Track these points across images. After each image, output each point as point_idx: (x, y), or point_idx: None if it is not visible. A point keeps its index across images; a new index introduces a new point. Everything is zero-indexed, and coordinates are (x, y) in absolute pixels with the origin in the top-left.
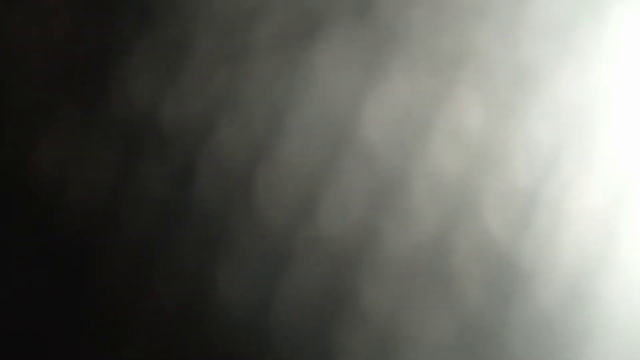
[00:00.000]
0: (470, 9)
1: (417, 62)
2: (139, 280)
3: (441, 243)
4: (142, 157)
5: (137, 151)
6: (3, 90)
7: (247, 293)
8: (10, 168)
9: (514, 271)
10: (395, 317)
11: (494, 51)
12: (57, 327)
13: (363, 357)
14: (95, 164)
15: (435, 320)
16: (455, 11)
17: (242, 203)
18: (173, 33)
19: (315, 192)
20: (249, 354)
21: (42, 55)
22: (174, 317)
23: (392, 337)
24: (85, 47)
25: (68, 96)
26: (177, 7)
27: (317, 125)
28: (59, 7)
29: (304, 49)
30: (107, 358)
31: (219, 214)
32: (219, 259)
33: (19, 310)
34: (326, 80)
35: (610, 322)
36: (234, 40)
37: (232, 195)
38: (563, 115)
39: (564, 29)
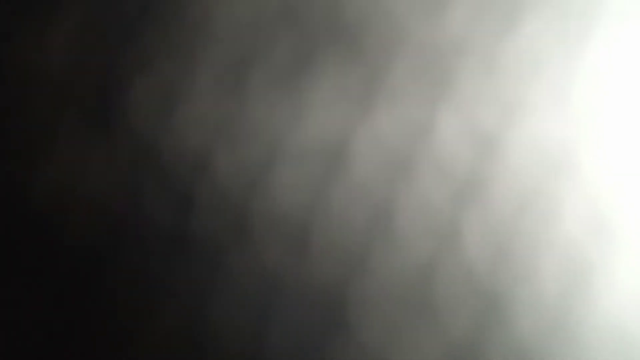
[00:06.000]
0: (452, 49)
1: (402, 98)
2: (138, 304)
3: (426, 270)
4: (142, 186)
5: (138, 180)
6: (10, 119)
7: (242, 319)
8: (14, 192)
9: (494, 298)
10: (384, 340)
11: (475, 87)
12: (58, 346)
13: None
14: (97, 192)
15: (422, 344)
16: (438, 51)
17: (238, 232)
18: (172, 70)
19: (308, 221)
20: None
21: (48, 87)
22: (172, 341)
23: None
24: (89, 82)
25: (71, 126)
26: (176, 45)
27: (309, 157)
28: (66, 43)
29: (298, 85)
30: None
31: (215, 242)
32: (216, 285)
33: (20, 330)
34: (318, 114)
35: (586, 347)
36: (232, 76)
37: (228, 225)
38: (541, 149)
39: (539, 66)
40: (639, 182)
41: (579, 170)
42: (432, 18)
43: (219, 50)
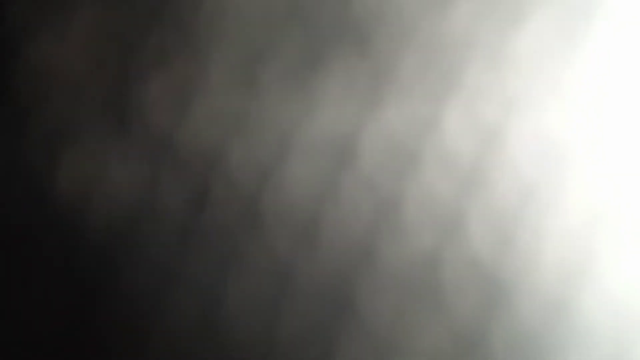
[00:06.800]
0: (458, 45)
1: (410, 93)
2: (155, 293)
3: (432, 259)
4: (159, 179)
5: (155, 173)
6: (32, 115)
7: (255, 306)
8: (37, 184)
9: (498, 285)
10: (391, 327)
11: (480, 83)
12: (78, 336)
13: None
14: (116, 185)
15: (428, 330)
16: (445, 47)
17: (250, 223)
18: (188, 67)
19: (318, 212)
20: None
21: (68, 84)
22: (188, 329)
23: (389, 346)
24: (107, 79)
25: (91, 122)
26: (191, 43)
27: (319, 150)
28: (84, 41)
29: (308, 81)
30: None
31: (229, 233)
32: (230, 275)
33: (41, 319)
34: (328, 109)
35: (587, 332)
36: (245, 73)
37: (241, 216)
38: (544, 142)
39: (543, 62)
40: (635, 173)
41: (578, 162)
42: (438, 15)
43: (232, 48)
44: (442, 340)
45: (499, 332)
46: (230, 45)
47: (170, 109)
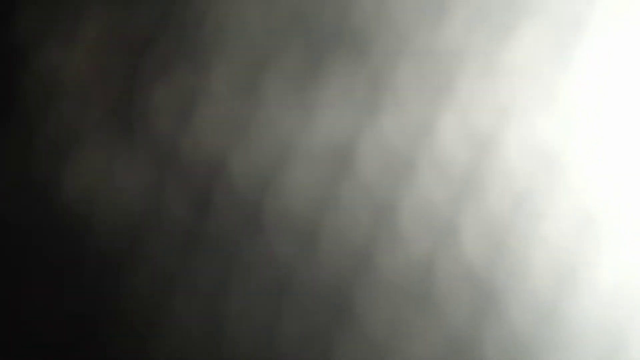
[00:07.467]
0: (452, 54)
1: (405, 101)
2: (159, 297)
3: (427, 264)
4: (163, 185)
5: (159, 179)
6: (39, 120)
7: (255, 311)
8: (43, 189)
9: (491, 290)
10: (387, 330)
11: (474, 91)
12: (82, 340)
13: None
14: (121, 191)
15: (423, 334)
16: (439, 56)
17: (251, 228)
18: (190, 74)
19: (317, 218)
20: None
21: (74, 91)
22: (191, 332)
23: (385, 348)
24: (112, 86)
25: (96, 128)
26: (193, 51)
27: (318, 157)
28: (90, 49)
29: (307, 90)
30: None
31: (231, 238)
32: (232, 279)
33: (45, 324)
34: (326, 117)
35: (577, 337)
36: (246, 82)
37: (242, 221)
38: (537, 149)
39: (535, 70)
40: (622, 180)
41: (568, 170)
42: (433, 26)
43: (234, 57)
44: (437, 343)
45: (491, 336)
46: (232, 55)
47: (174, 117)
